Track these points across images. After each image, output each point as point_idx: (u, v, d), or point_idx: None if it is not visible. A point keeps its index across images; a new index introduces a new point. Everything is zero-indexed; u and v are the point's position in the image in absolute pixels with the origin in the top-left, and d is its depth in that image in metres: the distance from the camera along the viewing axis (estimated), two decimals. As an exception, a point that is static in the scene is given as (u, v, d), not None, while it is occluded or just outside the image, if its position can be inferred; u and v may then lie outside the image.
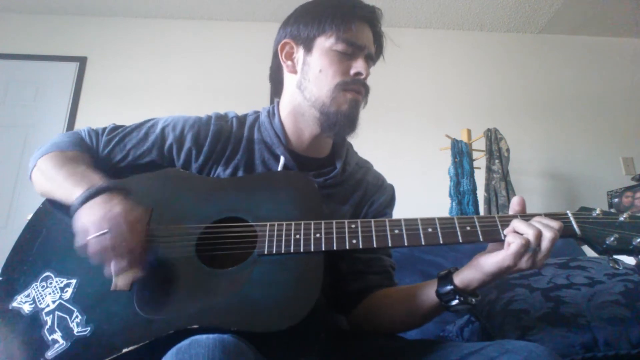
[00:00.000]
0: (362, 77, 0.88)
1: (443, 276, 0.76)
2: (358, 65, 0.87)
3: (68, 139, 0.88)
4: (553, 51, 3.37)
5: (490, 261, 0.69)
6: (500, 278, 0.72)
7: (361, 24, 0.89)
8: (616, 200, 2.69)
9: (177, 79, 3.12)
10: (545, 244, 0.66)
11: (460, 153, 2.64)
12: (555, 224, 0.68)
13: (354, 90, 0.88)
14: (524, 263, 0.67)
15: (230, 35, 3.27)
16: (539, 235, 0.66)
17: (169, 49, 3.22)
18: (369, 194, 0.98)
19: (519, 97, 3.22)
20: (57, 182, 0.80)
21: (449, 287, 0.74)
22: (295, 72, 0.92)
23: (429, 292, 0.78)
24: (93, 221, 0.70)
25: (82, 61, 3.15)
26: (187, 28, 3.28)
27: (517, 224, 0.69)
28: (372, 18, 0.92)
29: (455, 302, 0.74)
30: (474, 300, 0.74)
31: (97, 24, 3.25)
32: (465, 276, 0.73)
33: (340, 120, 0.88)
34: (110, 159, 0.89)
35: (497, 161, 2.65)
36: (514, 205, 0.74)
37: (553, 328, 0.86)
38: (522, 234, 0.67)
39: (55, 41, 3.18)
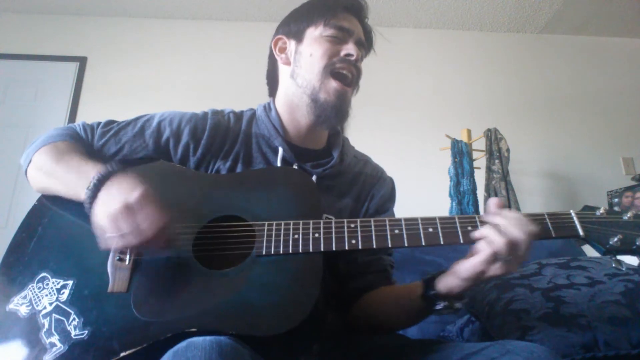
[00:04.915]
0: (353, 57, 0.90)
1: (427, 280, 0.76)
2: (348, 47, 0.91)
3: (61, 132, 0.87)
4: (553, 51, 3.36)
5: (465, 267, 0.69)
6: (480, 283, 0.71)
7: (347, 14, 0.94)
8: (616, 200, 2.69)
9: (177, 79, 3.11)
10: (514, 251, 0.64)
11: (460, 153, 2.63)
12: (531, 228, 0.65)
13: (342, 77, 0.90)
14: (497, 270, 0.66)
15: (230, 35, 3.27)
16: (508, 243, 0.64)
17: (169, 49, 3.22)
18: (368, 186, 0.99)
19: (519, 97, 3.21)
20: (57, 177, 0.78)
21: (432, 292, 0.74)
22: (288, 63, 0.96)
23: (417, 295, 0.78)
24: (111, 218, 0.66)
25: (82, 61, 3.14)
26: (187, 28, 3.28)
27: (485, 231, 0.67)
28: (357, 8, 0.96)
29: (439, 306, 0.74)
30: (459, 304, 0.74)
31: (97, 24, 3.25)
32: (446, 282, 0.73)
33: (327, 110, 0.90)
34: (105, 152, 0.88)
35: (497, 161, 2.64)
36: (491, 207, 0.71)
37: (553, 328, 0.85)
38: (492, 241, 0.65)
39: (55, 41, 3.18)
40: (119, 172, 0.74)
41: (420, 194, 2.67)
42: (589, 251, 0.76)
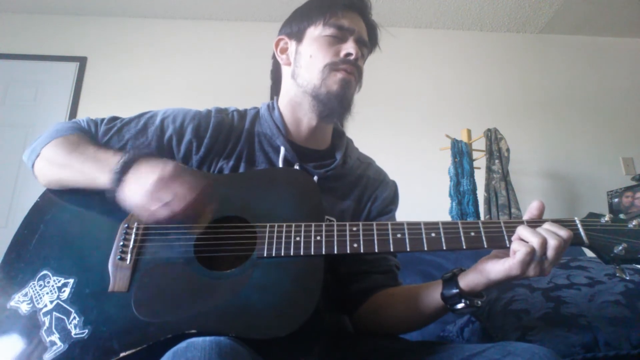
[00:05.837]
0: (352, 57, 0.89)
1: (448, 279, 0.75)
2: (348, 47, 0.89)
3: (69, 126, 0.87)
4: (553, 51, 3.36)
5: (497, 269, 0.68)
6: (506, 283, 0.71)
7: (348, 11, 0.93)
8: (616, 200, 2.69)
9: (178, 79, 3.11)
10: (550, 252, 0.65)
11: (460, 153, 2.63)
12: (564, 233, 0.66)
13: (344, 70, 0.89)
14: (531, 271, 0.66)
15: (230, 35, 3.27)
16: (544, 244, 0.64)
17: (169, 49, 3.22)
18: (370, 189, 0.98)
19: (519, 97, 3.21)
20: (72, 167, 0.78)
21: (454, 291, 0.73)
22: (289, 63, 0.96)
23: (434, 294, 0.77)
24: (150, 191, 0.69)
25: (82, 61, 3.14)
26: (187, 28, 3.28)
27: (522, 232, 0.67)
28: (360, 6, 0.95)
29: (460, 305, 0.73)
30: (479, 302, 0.73)
31: (97, 24, 3.25)
32: (470, 280, 0.73)
33: (331, 101, 0.89)
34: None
35: (497, 161, 2.64)
36: (532, 210, 0.72)
37: (553, 328, 0.85)
38: (527, 242, 0.66)
39: (55, 41, 3.18)
40: (142, 155, 0.75)
41: (420, 193, 2.67)
42: (589, 251, 0.76)
